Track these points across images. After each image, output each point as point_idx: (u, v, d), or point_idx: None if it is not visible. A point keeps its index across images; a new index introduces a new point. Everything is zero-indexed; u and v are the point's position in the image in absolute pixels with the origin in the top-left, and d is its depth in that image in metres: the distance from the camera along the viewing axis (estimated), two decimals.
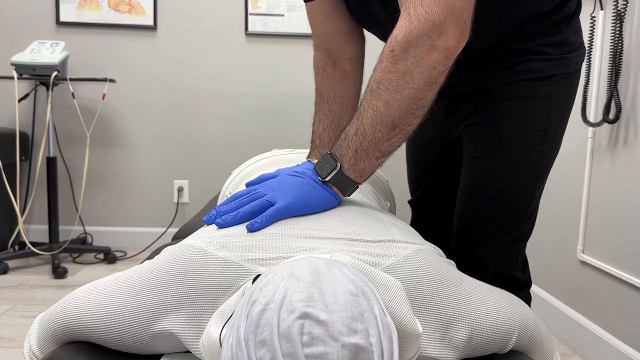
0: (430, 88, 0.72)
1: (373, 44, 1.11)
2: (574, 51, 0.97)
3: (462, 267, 0.75)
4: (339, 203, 0.78)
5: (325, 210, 0.77)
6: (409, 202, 1.30)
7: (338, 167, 0.76)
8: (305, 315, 0.44)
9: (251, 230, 0.67)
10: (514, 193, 0.99)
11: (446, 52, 0.70)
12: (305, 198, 0.74)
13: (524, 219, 1.02)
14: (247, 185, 0.83)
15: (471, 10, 0.72)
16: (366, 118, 0.74)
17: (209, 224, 0.73)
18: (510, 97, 0.95)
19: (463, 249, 1.05)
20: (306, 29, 2.57)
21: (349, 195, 0.80)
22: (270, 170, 1.16)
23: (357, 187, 0.80)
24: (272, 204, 0.72)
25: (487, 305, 0.67)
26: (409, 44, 0.70)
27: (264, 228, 0.68)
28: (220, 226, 0.70)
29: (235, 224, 0.70)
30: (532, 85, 0.94)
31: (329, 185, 0.77)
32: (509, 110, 0.95)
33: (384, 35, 1.01)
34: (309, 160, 0.98)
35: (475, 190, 1.02)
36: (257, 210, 0.71)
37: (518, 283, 1.06)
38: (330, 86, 1.04)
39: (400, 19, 0.72)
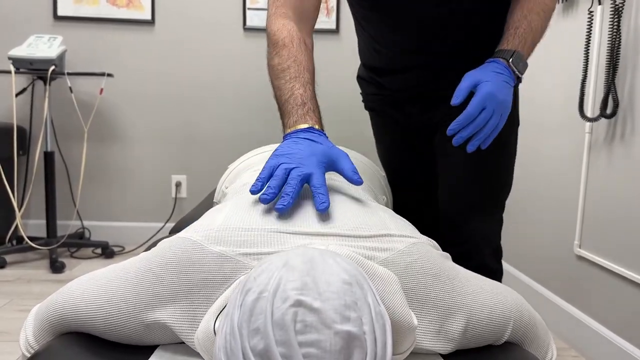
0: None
1: None
2: None
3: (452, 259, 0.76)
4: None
5: None
6: None
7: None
8: (298, 303, 0.45)
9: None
10: (504, 181, 1.12)
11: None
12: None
13: (503, 205, 1.16)
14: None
15: None
16: (534, 21, 0.97)
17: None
18: None
19: (453, 242, 1.08)
20: None
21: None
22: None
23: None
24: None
25: (482, 297, 0.67)
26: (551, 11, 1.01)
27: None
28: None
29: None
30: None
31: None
32: None
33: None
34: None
35: (461, 182, 1.09)
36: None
37: (498, 275, 1.16)
38: (309, 58, 1.01)
39: None
